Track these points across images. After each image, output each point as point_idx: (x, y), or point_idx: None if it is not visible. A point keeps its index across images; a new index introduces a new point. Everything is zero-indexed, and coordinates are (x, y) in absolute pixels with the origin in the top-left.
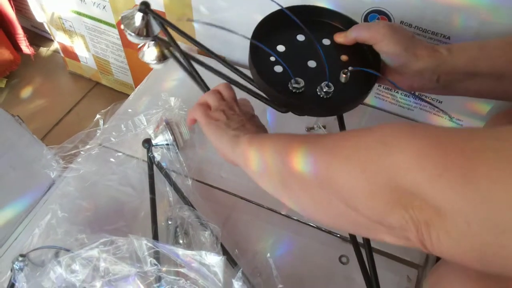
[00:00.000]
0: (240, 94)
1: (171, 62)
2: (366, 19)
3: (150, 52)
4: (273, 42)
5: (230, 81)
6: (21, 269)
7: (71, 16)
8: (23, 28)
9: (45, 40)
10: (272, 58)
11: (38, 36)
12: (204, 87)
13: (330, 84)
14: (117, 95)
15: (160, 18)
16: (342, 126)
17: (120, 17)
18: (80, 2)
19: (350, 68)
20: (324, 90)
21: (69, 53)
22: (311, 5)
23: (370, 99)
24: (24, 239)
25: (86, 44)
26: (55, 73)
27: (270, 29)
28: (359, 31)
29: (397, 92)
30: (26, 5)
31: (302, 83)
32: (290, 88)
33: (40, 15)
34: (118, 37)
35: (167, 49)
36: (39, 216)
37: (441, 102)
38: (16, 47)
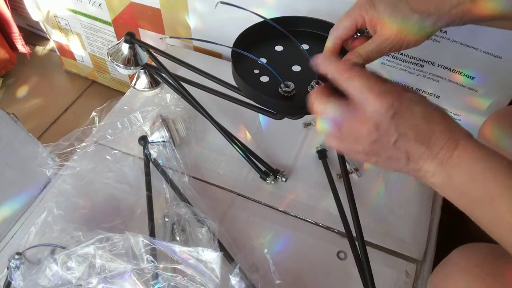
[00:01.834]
0: (231, 106)
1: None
2: None
3: (141, 81)
4: (254, 55)
5: (221, 95)
6: (17, 267)
7: (66, 14)
8: (19, 27)
9: (41, 39)
10: (256, 70)
11: (34, 35)
12: (196, 105)
13: (319, 81)
14: (113, 93)
15: (146, 45)
16: None
17: (107, 51)
18: (76, 0)
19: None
20: (316, 87)
21: (65, 52)
22: (286, 16)
23: None
24: (20, 237)
25: (82, 42)
26: (51, 72)
27: (247, 44)
28: (336, 35)
29: None
30: (22, 4)
31: (292, 86)
32: (281, 92)
33: (35, 14)
34: (114, 34)
35: (157, 74)
36: (35, 214)
37: (439, 97)
38: (12, 46)
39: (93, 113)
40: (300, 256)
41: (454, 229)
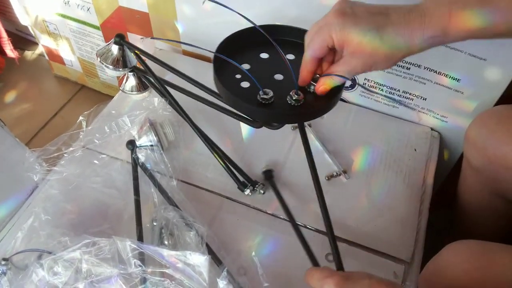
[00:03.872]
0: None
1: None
2: None
3: (130, 83)
4: (237, 61)
5: (204, 101)
6: (4, 273)
7: (55, 19)
8: (7, 31)
9: (29, 44)
10: (238, 76)
11: (22, 39)
12: (180, 111)
13: (299, 92)
14: (103, 98)
15: (135, 48)
16: (304, 137)
17: (96, 52)
18: (64, 4)
19: (317, 75)
20: (294, 98)
21: (54, 56)
22: (275, 24)
23: (355, 97)
24: (7, 243)
25: (71, 46)
26: (40, 76)
27: (232, 49)
28: (311, 57)
29: (382, 90)
30: (10, 9)
31: (271, 94)
32: (259, 99)
33: (24, 18)
34: (103, 38)
35: (144, 77)
36: (22, 219)
37: (425, 99)
38: (1, 51)
39: (81, 118)
40: (288, 259)
41: (442, 230)
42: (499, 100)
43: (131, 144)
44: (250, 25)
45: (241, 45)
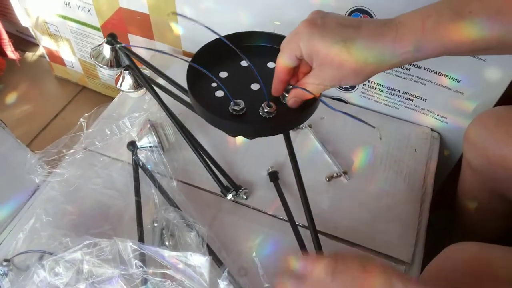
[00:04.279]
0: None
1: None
2: None
3: (126, 82)
4: (216, 68)
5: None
6: (5, 274)
7: (56, 20)
8: (8, 33)
9: (30, 45)
10: (214, 84)
11: (23, 41)
12: (166, 112)
13: (271, 103)
14: (103, 99)
15: (125, 48)
16: (288, 143)
17: (90, 53)
18: (65, 6)
19: (290, 86)
20: (266, 110)
21: (55, 58)
22: (254, 31)
23: (355, 98)
24: (8, 243)
25: (72, 48)
26: (41, 78)
27: (211, 56)
28: (283, 69)
29: (382, 91)
30: (11, 10)
31: (242, 105)
32: (230, 110)
33: (25, 20)
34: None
35: (137, 76)
36: (24, 221)
37: (426, 100)
38: (1, 53)
39: (81, 120)
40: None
41: (442, 231)
42: (499, 101)
43: (132, 146)
44: (247, 29)
45: (222, 52)
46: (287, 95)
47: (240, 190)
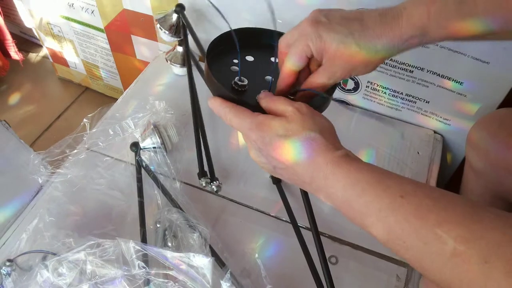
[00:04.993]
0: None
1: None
2: None
3: (176, 55)
4: (244, 51)
5: None
6: (8, 274)
7: (59, 21)
8: (12, 34)
9: (34, 46)
10: (232, 66)
11: (27, 42)
12: (191, 93)
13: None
14: (106, 100)
15: (187, 22)
16: None
17: (155, 17)
18: (69, 7)
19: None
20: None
21: (58, 59)
22: (258, 28)
23: (358, 100)
24: (12, 244)
25: (75, 49)
26: (44, 78)
27: (244, 41)
28: (290, 71)
29: (385, 93)
30: (15, 11)
31: (246, 82)
32: (233, 84)
33: (28, 21)
34: (107, 41)
35: (185, 54)
36: (27, 221)
37: (428, 102)
38: (5, 53)
39: (84, 120)
40: (291, 261)
41: None
42: (502, 103)
43: (135, 146)
44: (255, 26)
45: (251, 40)
46: (291, 97)
47: (213, 182)
